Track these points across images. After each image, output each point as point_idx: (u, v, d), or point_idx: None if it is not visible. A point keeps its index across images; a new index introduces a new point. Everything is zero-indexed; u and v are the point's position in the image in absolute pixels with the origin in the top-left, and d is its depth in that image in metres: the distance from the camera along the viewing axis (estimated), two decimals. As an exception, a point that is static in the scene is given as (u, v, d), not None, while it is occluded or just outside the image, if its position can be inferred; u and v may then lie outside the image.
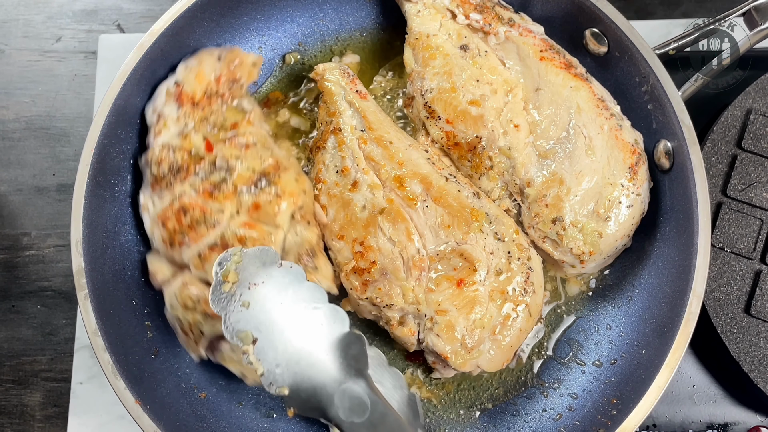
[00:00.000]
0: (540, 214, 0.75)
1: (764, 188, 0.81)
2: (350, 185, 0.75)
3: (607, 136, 0.74)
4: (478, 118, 0.77)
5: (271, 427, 0.77)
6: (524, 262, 0.73)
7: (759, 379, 0.76)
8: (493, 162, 0.77)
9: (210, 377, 0.78)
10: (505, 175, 0.77)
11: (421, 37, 0.80)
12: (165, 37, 0.78)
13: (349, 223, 0.74)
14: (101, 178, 0.75)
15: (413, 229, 0.73)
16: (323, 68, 0.82)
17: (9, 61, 0.99)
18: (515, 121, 0.77)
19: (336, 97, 0.80)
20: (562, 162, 0.75)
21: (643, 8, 0.99)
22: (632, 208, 0.74)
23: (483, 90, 0.78)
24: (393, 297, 0.72)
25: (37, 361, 0.89)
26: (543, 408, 0.77)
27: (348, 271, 0.73)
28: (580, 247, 0.74)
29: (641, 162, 0.74)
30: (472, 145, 0.77)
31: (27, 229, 0.93)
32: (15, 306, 0.90)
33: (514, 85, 0.78)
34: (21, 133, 0.96)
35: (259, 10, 0.86)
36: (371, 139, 0.77)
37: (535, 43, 0.78)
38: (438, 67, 0.79)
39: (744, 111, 0.83)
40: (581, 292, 0.80)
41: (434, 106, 0.78)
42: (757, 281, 0.78)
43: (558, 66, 0.77)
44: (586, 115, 0.75)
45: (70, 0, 1.02)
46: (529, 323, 0.73)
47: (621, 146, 0.74)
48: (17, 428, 0.86)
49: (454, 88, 0.78)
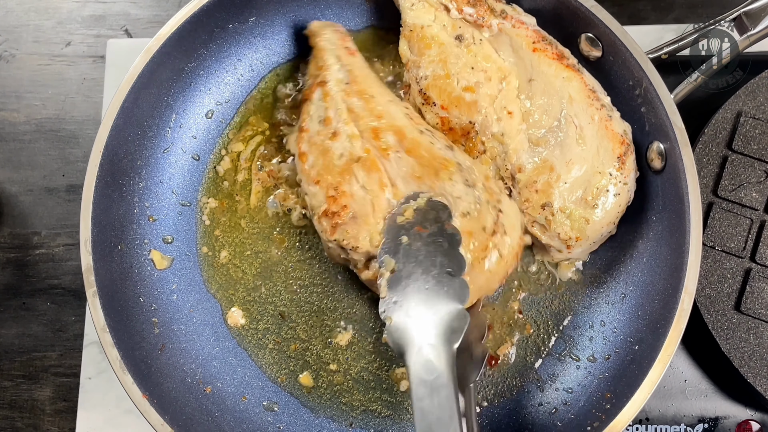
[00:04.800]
0: (530, 199, 0.76)
1: (754, 188, 0.82)
2: (331, 134, 0.77)
3: (597, 126, 0.75)
4: (472, 104, 0.78)
5: (274, 420, 0.78)
6: (494, 205, 0.74)
7: (749, 374, 0.77)
8: (486, 147, 0.78)
9: (215, 372, 0.79)
10: (498, 160, 0.78)
11: (415, 29, 0.81)
12: (171, 42, 0.79)
13: (326, 169, 0.76)
14: (109, 179, 0.77)
15: (386, 179, 0.74)
16: (316, 26, 0.85)
17: (20, 66, 1.01)
18: (508, 108, 0.78)
19: (325, 52, 0.83)
20: (553, 150, 0.76)
21: (636, 13, 1.00)
22: (619, 196, 0.75)
23: (477, 77, 0.79)
24: (359, 240, 0.73)
25: (47, 356, 0.90)
26: (539, 402, 0.78)
27: (320, 214, 0.75)
28: (567, 232, 0.75)
29: (629, 152, 0.76)
30: (465, 130, 0.79)
31: (37, 229, 0.94)
32: (26, 303, 0.91)
33: (509, 73, 0.79)
34: (31, 136, 0.97)
35: (263, 14, 0.87)
36: (354, 93, 0.79)
37: (527, 35, 0.79)
38: (433, 56, 0.80)
39: (734, 114, 0.84)
40: (574, 283, 0.81)
41: (429, 92, 0.80)
42: (747, 279, 0.79)
43: (550, 57, 0.78)
44: (577, 105, 0.76)
45: (80, 6, 1.03)
46: (500, 266, 0.74)
47: (610, 136, 0.75)
48: (28, 422, 0.88)
49: (449, 75, 0.79)
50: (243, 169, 0.87)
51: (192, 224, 0.85)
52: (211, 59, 0.86)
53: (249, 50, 0.89)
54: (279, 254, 0.84)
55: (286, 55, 0.90)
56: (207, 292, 0.83)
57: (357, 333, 0.81)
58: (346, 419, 0.79)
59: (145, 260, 0.81)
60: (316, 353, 0.81)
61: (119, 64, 0.97)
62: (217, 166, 0.87)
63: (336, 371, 0.80)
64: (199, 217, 0.85)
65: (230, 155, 0.87)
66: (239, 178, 0.86)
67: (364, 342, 0.81)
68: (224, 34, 0.86)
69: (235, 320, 0.82)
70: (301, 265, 0.84)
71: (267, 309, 0.82)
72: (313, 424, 0.79)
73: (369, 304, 0.82)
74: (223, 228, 0.85)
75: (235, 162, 0.87)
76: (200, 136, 0.87)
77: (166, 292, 0.81)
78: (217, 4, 0.81)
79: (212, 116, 0.88)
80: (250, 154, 0.87)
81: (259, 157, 0.87)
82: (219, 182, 0.86)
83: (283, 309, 0.82)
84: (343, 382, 0.80)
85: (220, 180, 0.86)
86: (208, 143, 0.87)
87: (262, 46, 0.89)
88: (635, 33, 0.78)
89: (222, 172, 0.87)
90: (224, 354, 0.81)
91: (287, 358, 0.81)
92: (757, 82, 0.84)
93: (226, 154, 0.87)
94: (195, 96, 0.87)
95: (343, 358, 0.81)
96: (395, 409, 0.79)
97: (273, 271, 0.84)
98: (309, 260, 0.84)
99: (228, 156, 0.87)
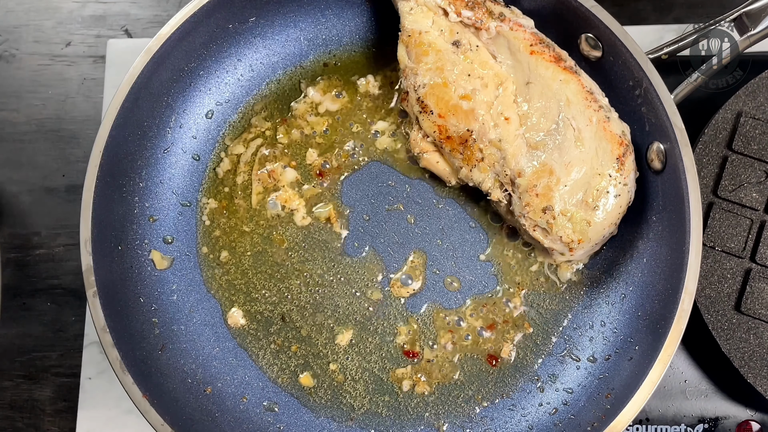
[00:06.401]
0: (530, 203, 0.76)
1: (754, 189, 0.82)
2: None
3: (595, 128, 0.75)
4: (469, 112, 0.78)
5: (274, 421, 0.78)
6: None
7: (749, 374, 0.77)
8: (484, 154, 0.78)
9: (215, 373, 0.79)
10: (496, 167, 0.78)
11: (413, 34, 0.81)
12: (172, 42, 0.79)
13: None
14: (109, 179, 0.77)
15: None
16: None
17: (20, 66, 1.01)
18: (506, 114, 0.78)
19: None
20: (552, 153, 0.76)
21: (636, 14, 1.00)
22: (619, 197, 0.75)
23: (474, 84, 0.79)
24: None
25: (47, 357, 0.90)
26: (539, 402, 0.78)
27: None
28: (570, 235, 0.75)
29: (628, 153, 0.75)
30: (463, 138, 0.79)
31: (37, 229, 0.94)
32: (26, 303, 0.91)
33: (505, 79, 0.79)
34: (32, 136, 0.97)
35: (263, 15, 0.87)
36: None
37: (525, 37, 0.79)
38: (430, 63, 0.80)
39: (734, 114, 0.84)
40: (574, 283, 0.82)
41: (426, 100, 0.79)
42: (747, 279, 0.79)
43: (548, 60, 0.77)
44: (575, 107, 0.76)
45: (80, 6, 1.03)
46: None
47: (609, 137, 0.75)
48: (28, 422, 0.88)
49: (446, 83, 0.79)
50: (243, 170, 0.87)
51: (192, 224, 0.85)
52: (211, 59, 0.86)
53: (249, 50, 0.89)
54: (279, 255, 0.84)
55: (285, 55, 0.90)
56: (207, 293, 0.83)
57: (357, 333, 0.82)
58: (347, 419, 0.79)
59: (145, 260, 0.81)
60: (316, 353, 0.81)
61: (119, 64, 0.97)
62: (217, 167, 0.87)
63: (336, 371, 0.81)
64: (200, 218, 0.85)
65: (230, 156, 0.87)
66: (239, 178, 0.86)
67: (365, 342, 0.81)
68: (224, 34, 0.86)
69: (236, 320, 0.82)
70: (302, 266, 0.84)
71: (267, 309, 0.83)
72: (314, 425, 0.79)
73: (369, 304, 0.82)
74: (224, 228, 0.85)
75: (234, 163, 0.87)
76: (200, 136, 0.87)
77: (166, 293, 0.81)
78: (217, 4, 0.81)
79: (212, 116, 0.88)
80: (250, 156, 0.87)
81: (259, 158, 0.87)
82: (219, 183, 0.86)
83: (284, 309, 0.82)
84: (344, 383, 0.80)
85: (220, 180, 0.86)
86: (208, 143, 0.87)
87: (262, 46, 0.89)
88: (635, 33, 0.78)
89: (222, 173, 0.87)
90: (224, 354, 0.81)
91: (287, 359, 0.81)
92: (757, 82, 0.84)
93: (225, 155, 0.87)
94: (195, 96, 0.87)
95: (344, 358, 0.81)
96: (396, 409, 0.79)
97: (273, 272, 0.84)
98: (309, 261, 0.84)
99: (228, 157, 0.87)
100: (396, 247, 0.84)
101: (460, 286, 0.83)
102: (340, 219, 0.85)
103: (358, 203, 0.86)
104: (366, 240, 0.84)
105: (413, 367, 0.80)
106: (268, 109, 0.89)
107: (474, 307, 0.82)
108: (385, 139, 0.88)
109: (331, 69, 0.90)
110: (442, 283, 0.83)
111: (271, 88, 0.90)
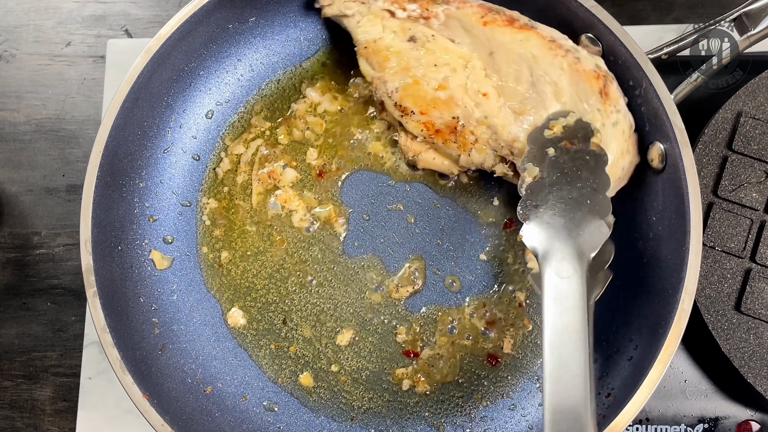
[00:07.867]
0: None
1: (754, 189, 0.82)
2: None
3: (569, 74, 0.75)
4: (448, 100, 0.78)
5: (274, 421, 0.78)
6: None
7: (749, 374, 0.77)
8: (476, 135, 0.78)
9: (215, 373, 0.80)
10: (491, 143, 0.78)
11: (369, 45, 0.81)
12: (171, 42, 0.79)
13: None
14: (109, 179, 0.77)
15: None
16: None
17: (20, 66, 1.01)
18: (482, 90, 0.78)
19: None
20: (538, 111, 0.76)
21: (636, 14, 1.00)
22: (618, 124, 0.75)
23: (443, 72, 0.79)
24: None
25: (47, 356, 0.90)
26: (539, 402, 0.78)
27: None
28: None
29: (608, 82, 0.75)
30: (451, 126, 0.78)
31: (37, 229, 0.94)
32: (26, 303, 0.92)
33: (469, 58, 0.79)
34: (32, 136, 0.98)
35: (263, 15, 0.87)
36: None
37: (474, 12, 0.79)
38: (395, 66, 0.80)
39: (734, 114, 0.84)
40: None
41: (404, 103, 0.79)
42: (747, 279, 0.79)
43: (502, 25, 0.77)
44: (542, 60, 0.76)
45: (80, 6, 1.03)
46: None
47: (585, 77, 0.75)
48: (28, 422, 0.88)
49: (417, 81, 0.79)
50: (243, 170, 0.87)
51: (192, 224, 0.85)
52: (211, 59, 0.86)
53: (249, 50, 0.89)
54: (279, 255, 0.84)
55: (285, 55, 0.90)
56: (207, 293, 0.83)
57: (357, 333, 0.82)
58: (347, 419, 0.79)
59: (146, 260, 0.81)
60: (316, 353, 0.81)
61: (119, 64, 0.98)
62: (217, 167, 0.87)
63: (336, 371, 0.81)
64: (200, 218, 0.85)
65: (230, 156, 0.87)
66: (239, 179, 0.86)
67: (365, 342, 0.81)
68: (224, 34, 0.86)
69: (236, 320, 0.82)
70: (302, 266, 0.84)
71: (267, 309, 0.83)
72: (314, 424, 0.79)
73: (369, 304, 0.82)
74: (224, 228, 0.85)
75: (234, 163, 0.87)
76: (200, 136, 0.87)
77: (166, 293, 0.81)
78: (217, 4, 0.81)
79: (212, 116, 0.88)
80: (250, 156, 0.87)
81: (259, 158, 0.87)
82: (219, 183, 0.86)
83: (284, 309, 0.82)
84: (344, 382, 0.80)
85: (220, 180, 0.86)
86: (208, 143, 0.87)
87: (262, 46, 0.89)
88: (635, 33, 0.78)
89: (222, 173, 0.87)
90: (224, 354, 0.81)
91: (287, 359, 0.81)
92: (757, 82, 0.84)
93: (226, 155, 0.87)
94: (195, 96, 0.87)
95: (344, 358, 0.81)
96: (395, 409, 0.79)
97: (273, 272, 0.84)
98: (309, 261, 0.84)
99: (228, 157, 0.87)
100: (396, 247, 0.84)
101: (460, 286, 0.83)
102: (340, 219, 0.85)
103: (358, 203, 0.86)
104: (366, 240, 0.85)
105: (413, 367, 0.81)
106: (268, 109, 0.89)
107: (474, 307, 0.82)
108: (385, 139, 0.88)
109: (330, 69, 0.91)
110: (442, 283, 0.83)
111: (271, 88, 0.90)
